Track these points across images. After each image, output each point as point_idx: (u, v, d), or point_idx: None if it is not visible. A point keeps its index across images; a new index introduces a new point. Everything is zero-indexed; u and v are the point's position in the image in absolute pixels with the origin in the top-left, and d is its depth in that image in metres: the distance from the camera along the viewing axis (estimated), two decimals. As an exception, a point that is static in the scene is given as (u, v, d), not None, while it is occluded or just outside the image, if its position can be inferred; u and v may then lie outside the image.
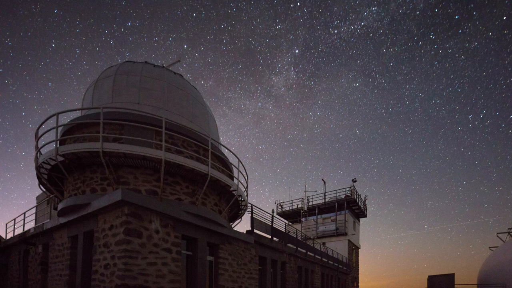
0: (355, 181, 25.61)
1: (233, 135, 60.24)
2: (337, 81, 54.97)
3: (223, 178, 8.05)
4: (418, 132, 59.36)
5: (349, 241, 24.67)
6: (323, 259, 18.24)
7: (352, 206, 25.70)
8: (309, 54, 54.45)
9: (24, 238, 10.27)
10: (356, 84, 53.00)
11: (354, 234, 26.33)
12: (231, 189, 8.63)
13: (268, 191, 70.71)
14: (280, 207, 28.43)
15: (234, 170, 9.91)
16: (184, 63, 50.45)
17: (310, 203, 26.82)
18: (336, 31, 46.84)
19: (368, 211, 28.43)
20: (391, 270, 64.71)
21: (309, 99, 59.48)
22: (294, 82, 56.24)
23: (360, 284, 28.88)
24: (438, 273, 19.85)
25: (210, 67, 56.35)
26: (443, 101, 53.68)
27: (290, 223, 26.91)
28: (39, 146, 7.07)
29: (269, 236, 11.41)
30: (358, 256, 28.19)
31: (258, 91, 57.38)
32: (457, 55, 46.09)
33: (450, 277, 18.98)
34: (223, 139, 56.81)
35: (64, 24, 39.21)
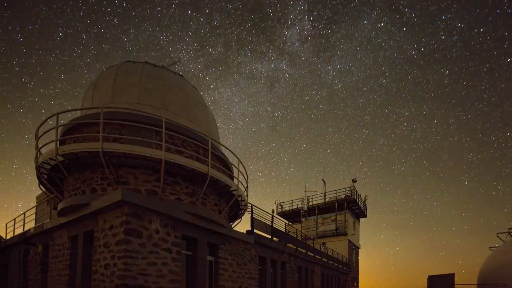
0: (355, 181, 25.61)
1: (247, 105, 55.98)
2: (358, 24, 47.40)
3: (223, 178, 8.05)
4: (457, 72, 50.49)
5: (349, 241, 24.67)
6: (323, 259, 18.24)
7: (352, 206, 25.69)
8: (324, -3, 47.08)
9: (24, 238, 10.27)
10: (380, 24, 46.03)
11: (354, 234, 26.33)
12: (231, 189, 8.63)
13: (287, 162, 65.38)
14: (280, 207, 28.43)
15: (234, 170, 9.91)
16: (189, 32, 47.21)
17: (310, 203, 26.82)
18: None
19: (368, 211, 28.44)
20: (391, 270, 64.68)
21: (327, 51, 52.38)
22: (309, 34, 49.46)
23: (360, 284, 28.89)
24: (438, 273, 19.85)
25: (217, 31, 50.62)
26: (489, 28, 45.00)
27: (290, 223, 26.91)
28: (39, 146, 7.08)
29: (269, 236, 11.41)
30: (358, 256, 28.19)
31: (270, 50, 51.39)
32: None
33: (450, 277, 18.98)
34: (236, 110, 50.76)
35: (68, 9, 38.82)
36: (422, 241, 65.01)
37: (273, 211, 21.57)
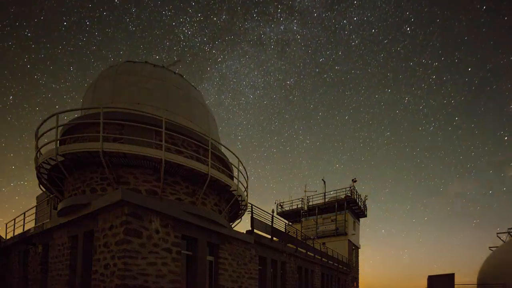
0: (355, 181, 25.61)
1: (256, 76, 52.35)
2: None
3: (223, 178, 8.05)
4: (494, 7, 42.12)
5: (349, 241, 24.67)
6: (323, 259, 18.24)
7: (352, 206, 25.69)
8: None
9: (24, 238, 10.27)
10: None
11: (354, 234, 26.33)
12: (231, 189, 8.64)
13: (302, 134, 60.90)
14: (280, 207, 28.43)
15: (234, 170, 9.91)
16: (192, 2, 44.87)
17: (310, 203, 26.82)
18: None
19: (368, 210, 28.45)
20: (391, 270, 64.72)
21: (342, 2, 46.84)
22: (320, -15, 43.89)
23: (360, 284, 28.89)
24: (438, 273, 19.85)
25: (221, -4, 47.94)
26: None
27: (290, 223, 26.91)
28: (39, 146, 7.08)
29: (269, 236, 11.41)
30: (358, 256, 28.19)
31: (279, 10, 46.27)
32: None
33: (450, 277, 18.98)
34: (245, 83, 49.23)
35: (69, -5, 38.61)
36: (422, 241, 64.99)
37: (273, 211, 21.48)
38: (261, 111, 60.57)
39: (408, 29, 46.31)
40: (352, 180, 25.67)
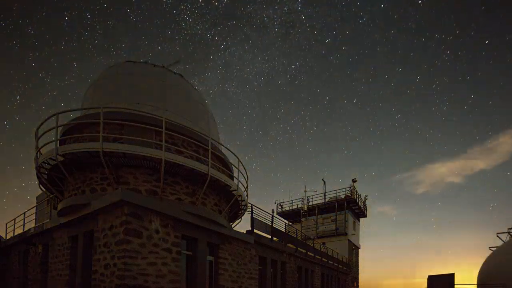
0: (355, 181, 25.61)
1: (260, 61, 49.92)
2: None
3: (223, 178, 8.06)
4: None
5: (349, 241, 24.67)
6: (323, 259, 18.24)
7: (352, 206, 25.70)
8: None
9: (24, 238, 10.27)
10: None
11: (354, 234, 26.33)
12: (231, 189, 8.64)
13: (309, 120, 57.74)
14: (280, 207, 28.43)
15: (234, 170, 9.91)
16: None
17: (310, 203, 26.83)
18: None
19: (368, 211, 28.45)
20: (391, 270, 64.71)
21: None
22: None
23: (360, 284, 28.89)
24: (438, 273, 19.84)
25: (221, -19, 46.63)
26: None
27: (290, 223, 26.90)
28: (39, 146, 7.08)
29: (269, 236, 11.41)
30: (358, 256, 28.19)
31: None
32: None
33: (450, 277, 18.97)
34: (249, 69, 47.87)
35: (69, -11, 38.32)
36: (422, 240, 64.94)
37: (273, 211, 21.50)
38: (266, 98, 58.88)
39: (419, 1, 41.64)
40: (352, 180, 25.68)
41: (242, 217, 11.36)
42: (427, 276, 20.14)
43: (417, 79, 50.29)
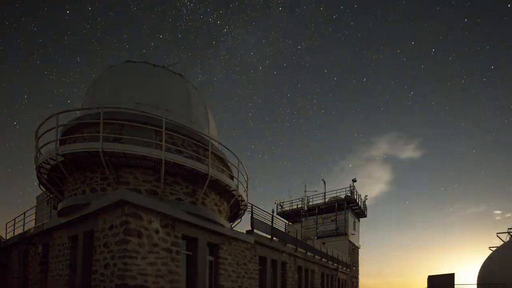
0: (355, 181, 25.62)
1: (264, 44, 47.59)
2: None
3: (223, 178, 8.06)
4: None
5: (349, 241, 24.67)
6: (323, 259, 18.24)
7: (352, 206, 25.70)
8: None
9: (24, 238, 10.27)
10: None
11: (354, 234, 26.34)
12: (231, 189, 8.64)
13: (316, 104, 54.77)
14: (280, 207, 28.43)
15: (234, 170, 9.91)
16: None
17: (310, 203, 26.82)
18: None
19: (368, 210, 28.46)
20: (391, 270, 64.74)
21: None
22: None
23: (360, 284, 28.90)
24: (438, 273, 19.85)
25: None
26: None
27: (290, 223, 26.91)
28: (39, 146, 7.08)
29: (269, 236, 11.41)
30: (358, 256, 28.20)
31: None
32: None
33: (450, 277, 18.98)
34: (253, 53, 46.31)
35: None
36: (422, 240, 64.93)
37: (273, 211, 21.51)
38: (272, 83, 55.54)
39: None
40: (352, 180, 25.69)
41: (242, 217, 11.37)
42: (427, 276, 20.16)
43: (432, 51, 45.39)
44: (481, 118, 50.97)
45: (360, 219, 28.63)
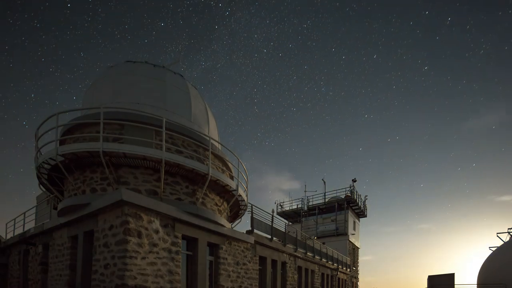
0: (355, 181, 25.62)
1: (269, 25, 44.81)
2: None
3: (223, 178, 8.06)
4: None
5: (349, 241, 24.67)
6: (323, 259, 18.24)
7: (352, 206, 25.70)
8: None
9: (24, 238, 10.27)
10: None
11: (354, 234, 26.34)
12: (231, 189, 8.64)
13: (324, 85, 52.05)
14: (280, 207, 28.44)
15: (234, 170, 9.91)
16: None
17: (310, 203, 26.84)
18: None
19: (368, 210, 28.46)
20: (391, 270, 64.71)
21: None
22: None
23: (360, 284, 28.90)
24: (438, 273, 19.84)
25: None
26: None
27: (290, 223, 26.91)
28: (39, 146, 7.08)
29: (269, 236, 11.42)
30: (358, 256, 28.19)
31: None
32: None
33: (450, 277, 18.96)
34: (257, 36, 44.12)
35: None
36: (422, 241, 64.89)
37: (273, 211, 21.48)
38: (277, 66, 52.71)
39: None
40: (352, 180, 25.69)
41: (242, 217, 11.37)
42: (427, 276, 20.15)
43: (448, 21, 42.11)
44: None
45: (360, 219, 28.64)
